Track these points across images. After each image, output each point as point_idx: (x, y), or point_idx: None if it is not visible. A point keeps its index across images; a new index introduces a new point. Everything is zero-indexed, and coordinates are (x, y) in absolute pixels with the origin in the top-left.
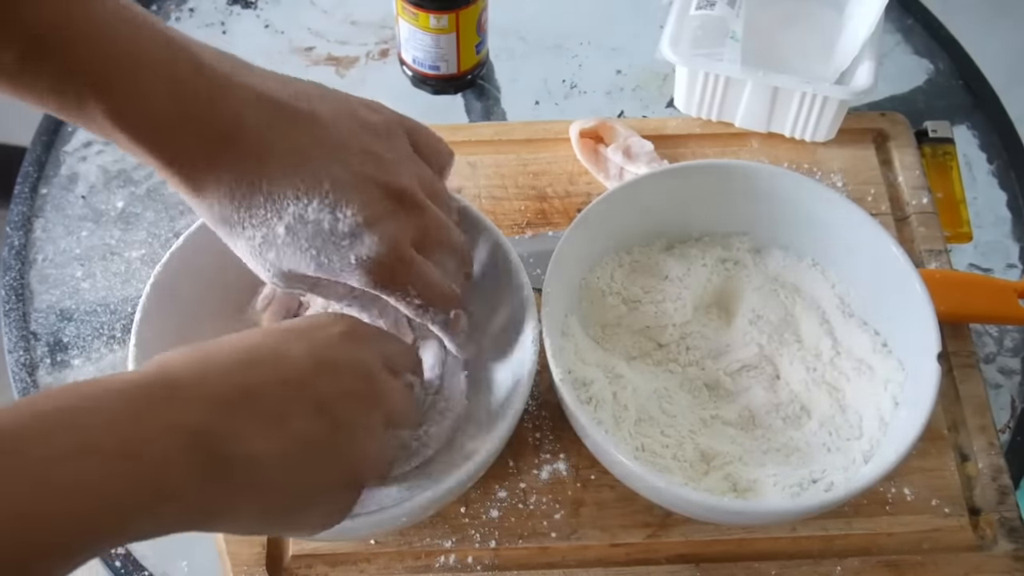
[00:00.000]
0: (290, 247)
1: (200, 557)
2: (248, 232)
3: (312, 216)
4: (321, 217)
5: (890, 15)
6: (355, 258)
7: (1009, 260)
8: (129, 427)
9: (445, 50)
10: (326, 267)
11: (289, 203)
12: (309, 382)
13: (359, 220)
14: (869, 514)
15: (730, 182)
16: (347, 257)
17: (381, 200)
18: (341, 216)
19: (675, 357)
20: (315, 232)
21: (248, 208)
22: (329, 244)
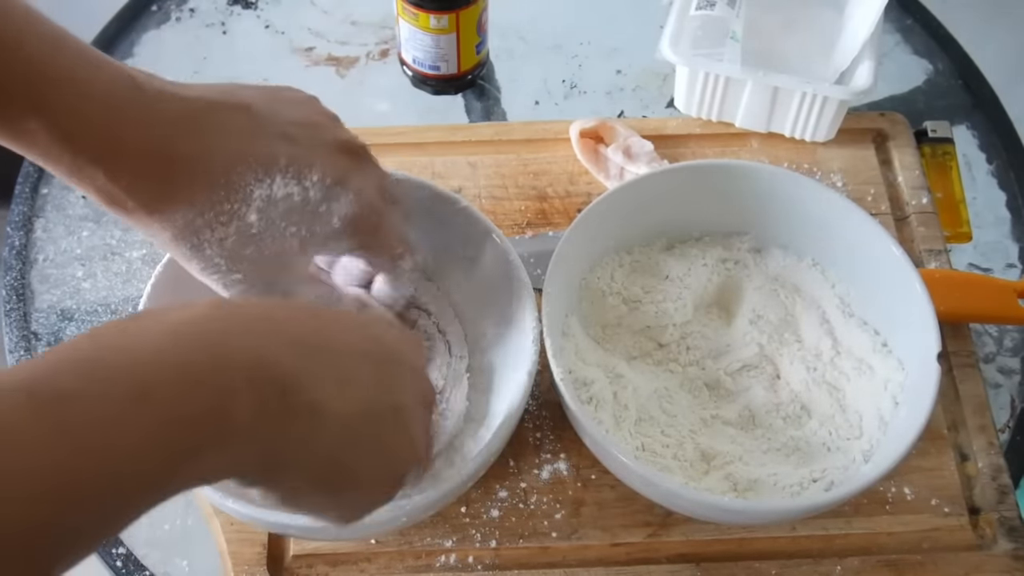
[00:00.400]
0: (267, 232)
1: (200, 557)
2: (219, 233)
3: (280, 193)
4: (290, 191)
5: (890, 15)
6: (338, 219)
7: (1009, 260)
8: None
9: (445, 50)
10: (311, 240)
11: (252, 188)
12: (375, 357)
13: (328, 182)
14: (869, 514)
15: (730, 182)
16: (329, 221)
17: (339, 157)
18: (309, 184)
19: (675, 357)
20: (288, 208)
21: (212, 207)
22: (306, 215)
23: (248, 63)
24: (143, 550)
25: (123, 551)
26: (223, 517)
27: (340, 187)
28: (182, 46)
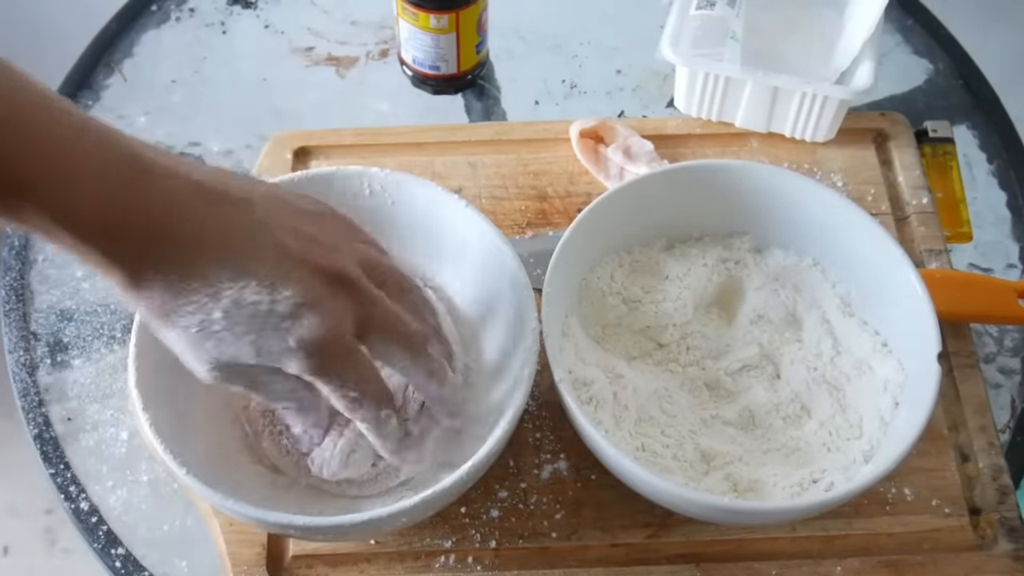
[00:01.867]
0: (228, 333)
1: (200, 557)
2: (184, 320)
3: (249, 299)
4: (259, 299)
5: (890, 15)
6: (294, 340)
7: (1009, 260)
8: None
9: (445, 50)
10: (264, 352)
11: (225, 287)
12: None
13: (297, 301)
14: (869, 514)
15: (730, 182)
16: (285, 339)
17: (320, 283)
18: (279, 298)
19: (675, 357)
20: (252, 315)
21: (185, 295)
22: (267, 327)
23: (248, 63)
24: (142, 550)
25: (122, 551)
26: (222, 518)
27: (307, 309)
28: (182, 46)
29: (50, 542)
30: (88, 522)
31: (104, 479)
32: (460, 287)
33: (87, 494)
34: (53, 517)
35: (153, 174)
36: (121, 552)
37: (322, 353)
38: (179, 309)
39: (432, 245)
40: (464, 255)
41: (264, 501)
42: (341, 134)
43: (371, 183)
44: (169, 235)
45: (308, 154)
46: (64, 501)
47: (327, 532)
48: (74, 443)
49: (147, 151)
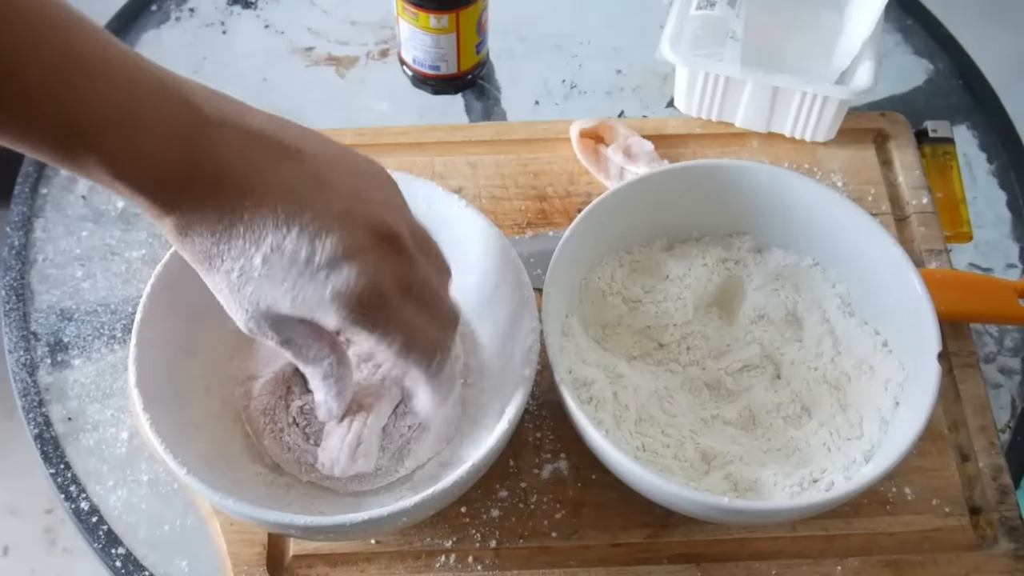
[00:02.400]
0: (266, 279)
1: (200, 557)
2: (227, 265)
3: (289, 246)
4: (299, 247)
5: (890, 15)
6: (331, 291)
7: (1009, 260)
8: None
9: (445, 50)
10: (300, 301)
11: (268, 233)
12: None
13: (338, 252)
14: (869, 514)
15: (730, 182)
16: (323, 290)
17: (364, 235)
18: (319, 246)
19: (676, 357)
20: (291, 262)
21: (228, 240)
22: (304, 276)
23: (248, 63)
24: (143, 550)
25: (123, 551)
26: (223, 517)
27: (346, 260)
28: (182, 46)
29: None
30: (88, 522)
31: (104, 479)
32: (460, 287)
33: (87, 494)
34: (53, 517)
35: (207, 124)
36: (121, 552)
37: (360, 305)
38: (222, 254)
39: None
40: (464, 255)
41: (264, 501)
42: (341, 134)
43: None
44: (218, 185)
45: None
46: (64, 501)
47: (327, 532)
48: (74, 443)
49: (201, 96)
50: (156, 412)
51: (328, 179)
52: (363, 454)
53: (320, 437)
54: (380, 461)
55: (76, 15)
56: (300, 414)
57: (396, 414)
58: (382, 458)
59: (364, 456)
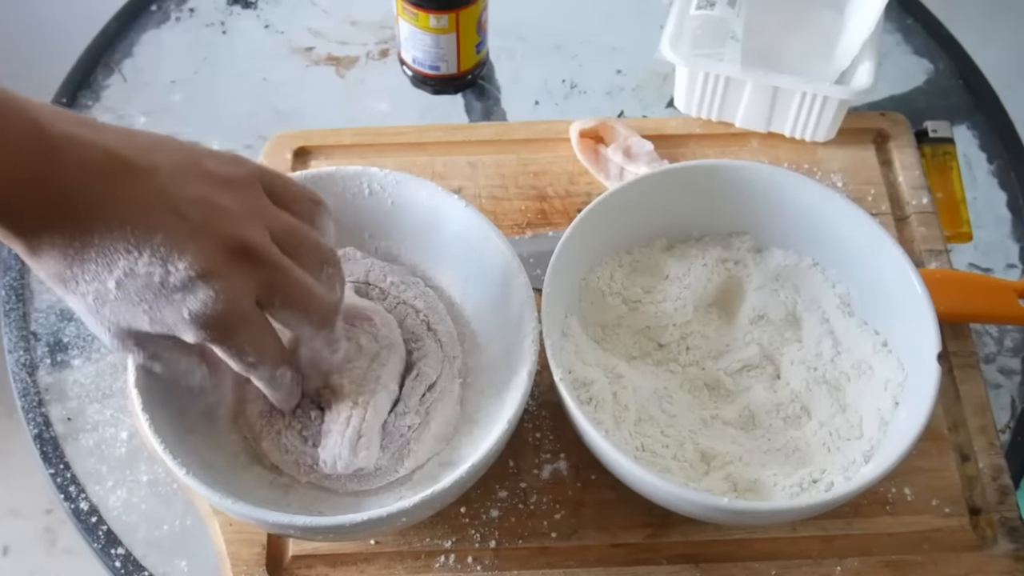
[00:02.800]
0: (122, 302)
1: (200, 557)
2: (81, 288)
3: (142, 270)
4: (152, 270)
5: (890, 15)
6: (188, 313)
7: (1009, 260)
8: None
9: (445, 50)
10: (159, 321)
11: (120, 257)
12: None
13: (191, 273)
14: (869, 514)
15: (730, 182)
16: (180, 311)
17: (219, 253)
18: (172, 269)
19: (675, 357)
20: (145, 285)
21: (81, 264)
22: (161, 298)
23: (248, 63)
24: (142, 550)
25: (122, 551)
26: (222, 517)
27: (202, 281)
28: (182, 46)
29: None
30: (88, 522)
31: (104, 479)
32: (460, 287)
33: (87, 494)
34: (53, 517)
35: (52, 144)
36: (121, 552)
37: (217, 326)
38: (76, 277)
39: (432, 245)
40: (464, 255)
41: (264, 501)
42: (341, 134)
43: (371, 183)
44: (65, 208)
45: (308, 154)
46: (64, 501)
47: (327, 532)
48: (74, 443)
49: (47, 117)
50: (156, 412)
51: (179, 195)
52: (364, 447)
53: (318, 439)
54: (380, 461)
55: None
56: (295, 417)
57: (395, 413)
58: (382, 457)
59: (366, 450)
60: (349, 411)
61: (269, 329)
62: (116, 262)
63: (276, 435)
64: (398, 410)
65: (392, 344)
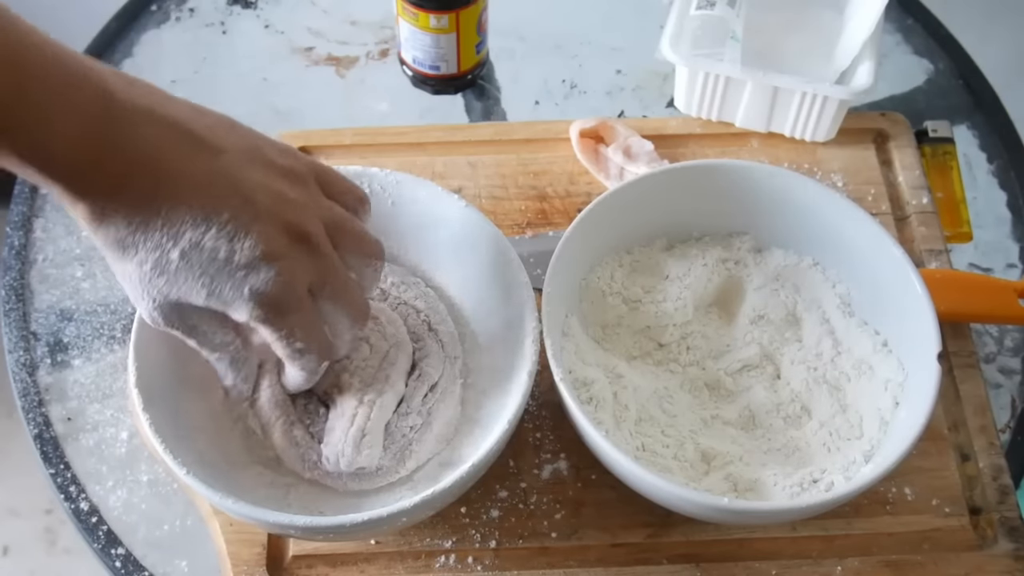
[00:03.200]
0: (182, 273)
1: (200, 557)
2: (140, 256)
3: (208, 244)
4: (218, 245)
5: (890, 15)
6: (248, 290)
7: (1009, 260)
8: None
9: (445, 50)
10: (216, 295)
11: (187, 229)
12: None
13: (256, 253)
14: (869, 514)
15: (730, 182)
16: (240, 288)
17: (281, 237)
18: (239, 247)
19: (676, 357)
20: (210, 260)
21: (144, 231)
22: (223, 273)
23: (248, 63)
24: (142, 550)
25: (122, 551)
26: (222, 517)
27: (265, 262)
28: (182, 46)
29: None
30: (88, 522)
31: (104, 479)
32: (460, 287)
33: (87, 494)
34: (53, 517)
35: (124, 113)
36: (121, 552)
37: (274, 306)
38: (136, 245)
39: (432, 245)
40: (464, 255)
41: (264, 501)
42: (341, 134)
43: (371, 183)
44: (131, 174)
45: (308, 154)
46: (64, 501)
47: (327, 532)
48: (74, 443)
49: (119, 84)
50: (156, 412)
51: (243, 177)
52: (368, 446)
53: (323, 436)
54: (382, 461)
55: None
56: (305, 412)
57: (398, 413)
58: (384, 457)
59: (369, 448)
60: (354, 409)
61: (320, 318)
62: (182, 234)
63: (289, 426)
64: (400, 410)
65: (400, 342)
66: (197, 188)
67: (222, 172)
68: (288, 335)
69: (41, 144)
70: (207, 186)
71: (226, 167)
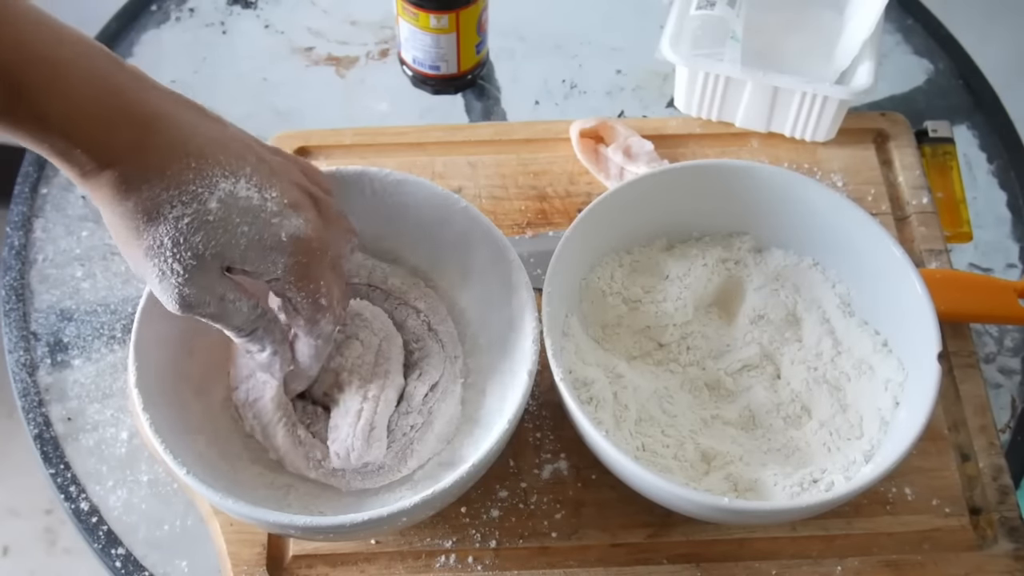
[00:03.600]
0: (221, 224)
1: (200, 557)
2: (177, 211)
3: (242, 192)
4: (250, 195)
5: (890, 15)
6: (286, 234)
7: (1009, 260)
8: None
9: (445, 50)
10: (255, 245)
11: (219, 180)
12: None
13: (285, 202)
14: (869, 514)
15: (730, 182)
16: (278, 233)
17: (298, 193)
18: (268, 196)
19: (676, 357)
20: (246, 208)
21: (179, 185)
22: (260, 219)
23: (248, 63)
24: (142, 550)
25: (122, 551)
26: (223, 517)
27: (293, 211)
28: (182, 46)
29: (50, 542)
30: (88, 522)
31: (104, 479)
32: (460, 287)
33: (87, 494)
34: (53, 517)
35: (132, 74)
36: (121, 552)
37: (308, 252)
38: (172, 200)
39: (432, 245)
40: (464, 255)
41: (264, 501)
42: (341, 134)
43: (371, 183)
44: (159, 131)
45: (308, 154)
46: (64, 501)
47: (327, 532)
48: (74, 443)
49: (118, 60)
50: (156, 412)
51: (251, 142)
52: (376, 439)
53: (325, 436)
54: (384, 459)
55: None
56: (304, 414)
57: (399, 412)
58: (387, 456)
59: (378, 441)
60: (359, 404)
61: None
62: (216, 184)
63: (292, 426)
64: (401, 409)
65: (389, 334)
66: (218, 144)
67: (233, 136)
68: (317, 287)
69: (62, 107)
70: (226, 144)
71: (234, 132)
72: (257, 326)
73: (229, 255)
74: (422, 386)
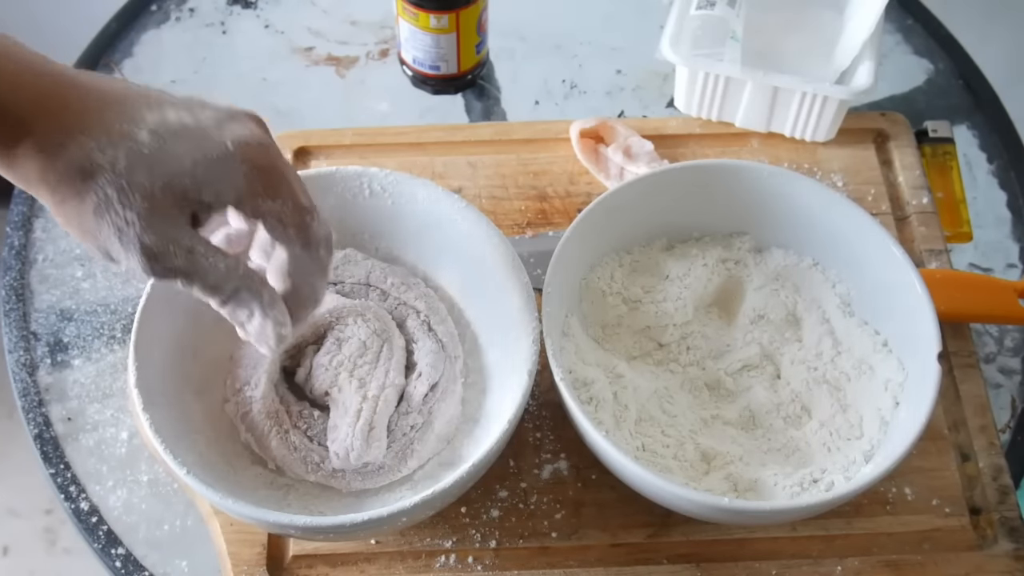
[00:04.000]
0: (160, 152)
1: (200, 557)
2: (109, 155)
3: (172, 117)
4: (182, 117)
5: (890, 15)
6: (231, 141)
7: (1009, 260)
8: None
9: (445, 50)
10: (203, 164)
11: (144, 113)
12: None
13: (219, 116)
14: (869, 514)
15: (730, 182)
16: (222, 141)
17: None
18: (201, 116)
19: (676, 357)
20: (180, 130)
21: (104, 131)
22: (198, 135)
23: (248, 63)
24: (142, 550)
25: (122, 551)
26: (222, 517)
27: (231, 120)
28: (182, 46)
29: (50, 542)
30: (88, 522)
31: (104, 479)
32: (460, 287)
33: (87, 494)
34: (53, 517)
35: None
36: (121, 552)
37: (263, 153)
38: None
39: (432, 245)
40: (464, 255)
41: (264, 501)
42: (341, 134)
43: (371, 183)
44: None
45: (308, 154)
46: (64, 501)
47: (327, 532)
48: (74, 443)
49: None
50: (156, 412)
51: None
52: (376, 439)
53: (323, 438)
54: (385, 459)
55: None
56: (300, 417)
57: (399, 412)
58: (387, 456)
59: (378, 440)
60: (359, 404)
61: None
62: (143, 117)
63: (284, 434)
64: (401, 409)
65: (390, 335)
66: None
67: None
68: (290, 189)
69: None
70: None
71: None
72: (239, 286)
73: (179, 182)
74: (422, 386)
